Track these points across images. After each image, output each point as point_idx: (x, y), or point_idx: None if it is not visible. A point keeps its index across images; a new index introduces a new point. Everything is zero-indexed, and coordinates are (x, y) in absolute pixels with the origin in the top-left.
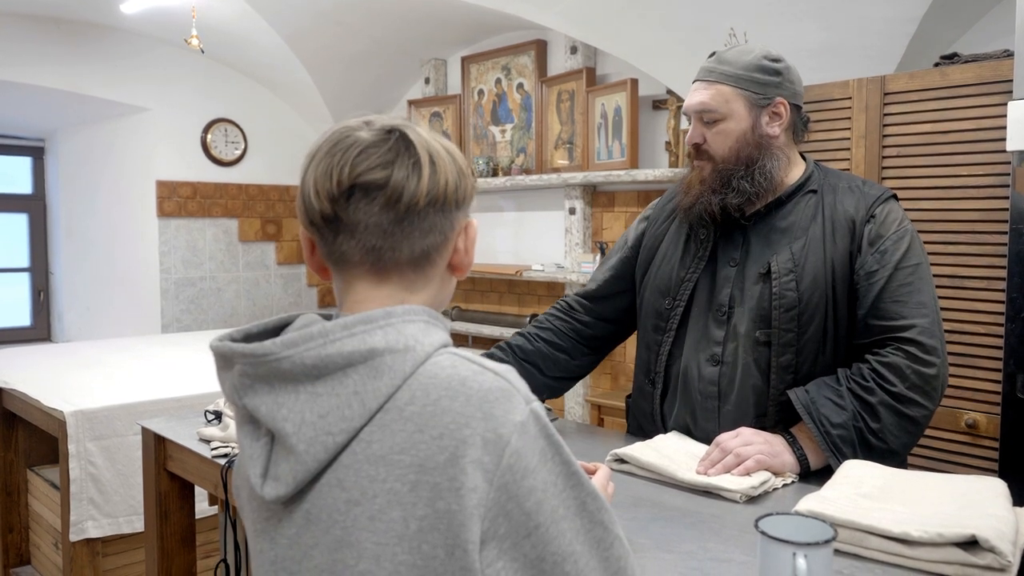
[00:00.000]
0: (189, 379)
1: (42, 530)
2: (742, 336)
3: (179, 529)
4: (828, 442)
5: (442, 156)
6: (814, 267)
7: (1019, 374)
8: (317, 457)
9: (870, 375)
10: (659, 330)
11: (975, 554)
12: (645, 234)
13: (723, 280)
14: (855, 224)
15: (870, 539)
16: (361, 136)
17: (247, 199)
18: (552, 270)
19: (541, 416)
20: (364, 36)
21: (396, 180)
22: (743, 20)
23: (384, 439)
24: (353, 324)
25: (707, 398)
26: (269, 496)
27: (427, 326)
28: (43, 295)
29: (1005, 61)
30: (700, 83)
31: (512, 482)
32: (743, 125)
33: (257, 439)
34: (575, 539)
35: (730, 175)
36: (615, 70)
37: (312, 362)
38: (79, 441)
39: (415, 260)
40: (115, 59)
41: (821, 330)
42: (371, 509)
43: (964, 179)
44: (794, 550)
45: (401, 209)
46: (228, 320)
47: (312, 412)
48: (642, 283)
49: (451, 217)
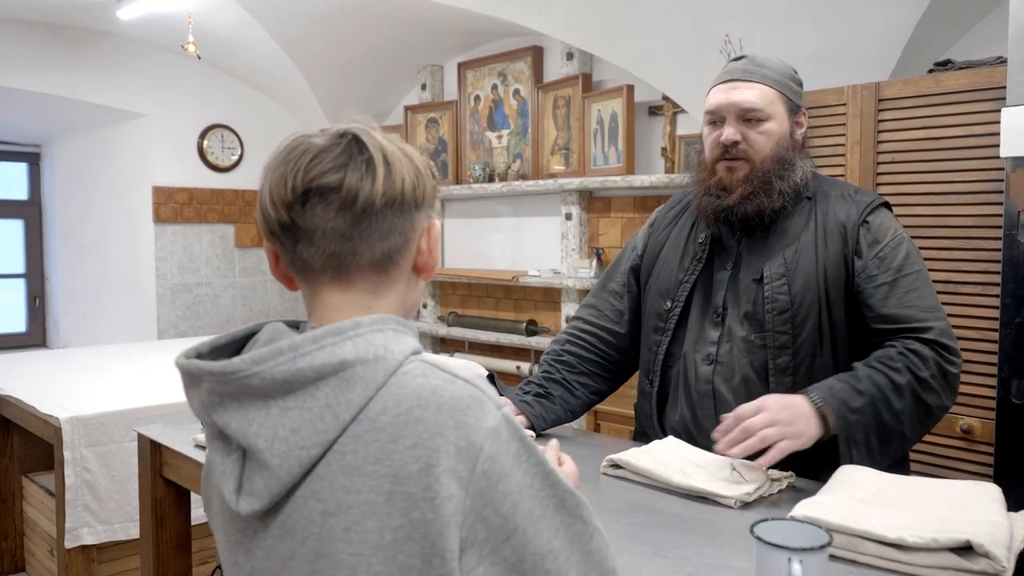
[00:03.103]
0: None
1: (37, 537)
2: (737, 339)
3: (175, 535)
4: (846, 431)
5: (397, 157)
6: (805, 271)
7: (1014, 379)
8: (291, 471)
9: (899, 357)
10: (658, 331)
11: (970, 559)
12: (650, 240)
13: (718, 283)
14: (846, 229)
15: (865, 544)
16: (314, 142)
17: (243, 205)
18: (548, 276)
19: (512, 420)
20: (361, 42)
21: (350, 182)
22: (739, 26)
23: (358, 450)
24: (322, 336)
25: (704, 396)
26: (244, 511)
27: (396, 334)
28: (39, 301)
29: (998, 68)
30: (739, 82)
31: (487, 488)
32: (783, 128)
33: (228, 454)
34: (554, 536)
35: (770, 177)
36: (611, 76)
37: (283, 377)
38: (75, 447)
39: (377, 263)
40: (111, 65)
41: (816, 331)
42: (346, 520)
43: (958, 185)
44: (789, 555)
45: (357, 211)
46: (224, 326)
47: (284, 427)
48: (645, 287)
49: (411, 218)
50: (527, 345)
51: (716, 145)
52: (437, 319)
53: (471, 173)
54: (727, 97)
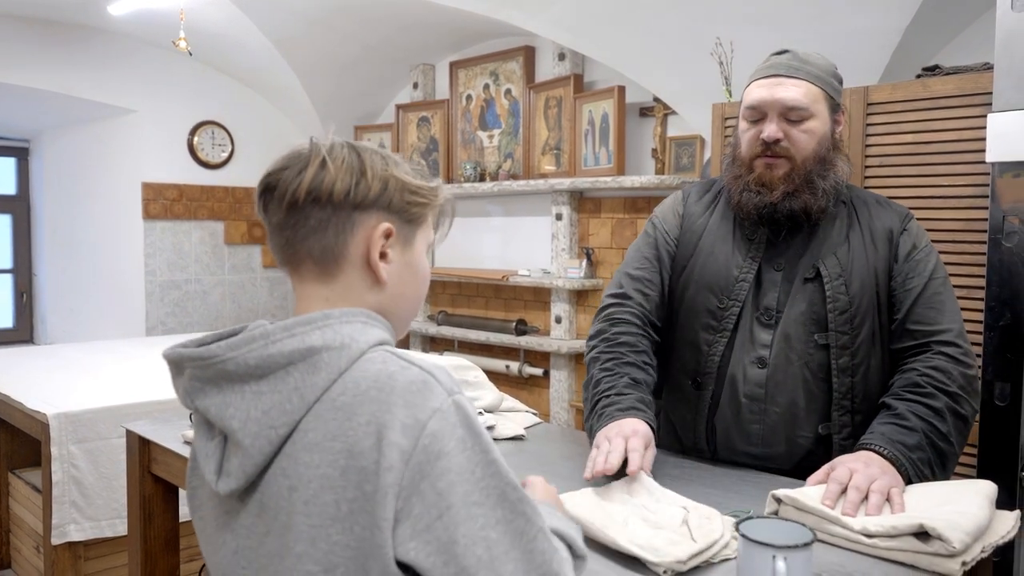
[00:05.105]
0: None
1: (23, 533)
2: (794, 340)
3: (163, 532)
4: (914, 469)
5: (341, 158)
6: (861, 272)
7: (997, 382)
8: (263, 450)
9: (924, 381)
10: (711, 329)
11: (928, 543)
12: (683, 225)
13: (769, 283)
14: (892, 234)
15: (833, 527)
16: (293, 147)
17: (233, 202)
18: (539, 275)
19: (463, 407)
20: (353, 40)
21: (284, 178)
22: (730, 29)
23: (318, 427)
24: (293, 326)
25: (753, 400)
26: (223, 490)
27: (364, 326)
28: (26, 296)
29: (985, 74)
30: (783, 78)
31: (426, 462)
32: (826, 127)
33: (211, 439)
34: (490, 526)
35: (812, 175)
36: (602, 77)
37: (255, 362)
38: (62, 444)
39: (316, 258)
40: (102, 60)
41: (871, 333)
42: (306, 494)
43: (944, 189)
44: (774, 553)
45: (285, 206)
46: (213, 323)
47: (256, 409)
48: (681, 277)
49: (345, 217)
50: (516, 344)
51: (756, 141)
52: (427, 318)
53: (462, 172)
54: (771, 93)
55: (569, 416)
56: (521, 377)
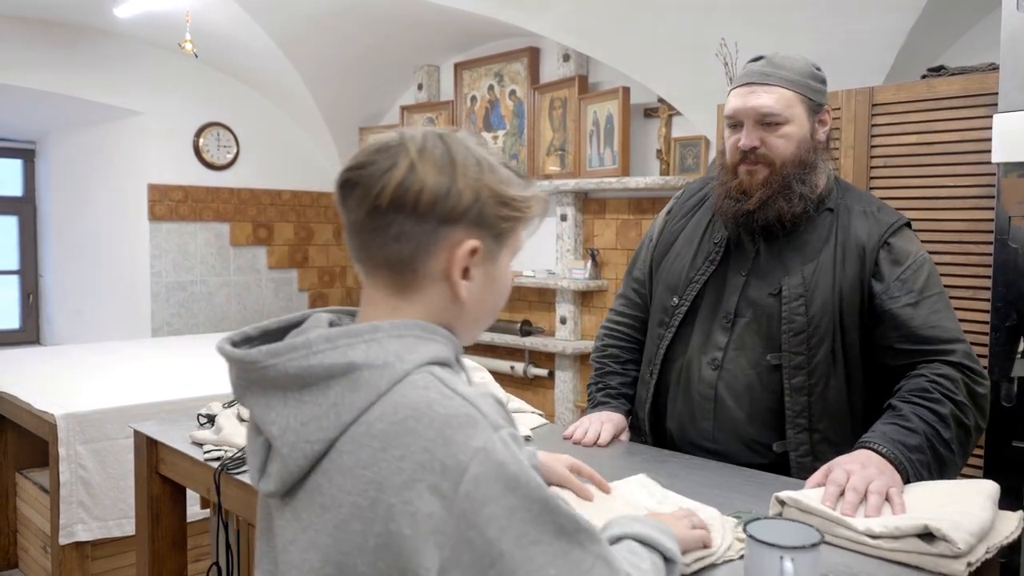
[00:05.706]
0: (180, 383)
1: (31, 534)
2: (748, 350)
3: (170, 532)
4: (913, 470)
5: (431, 160)
6: (823, 293)
7: (1003, 382)
8: (298, 463)
9: (932, 387)
10: (663, 325)
11: (932, 544)
12: (666, 228)
13: (732, 288)
14: (865, 251)
15: (838, 528)
16: (379, 138)
17: (239, 203)
18: (543, 276)
19: (508, 443)
20: (358, 42)
21: (367, 176)
22: (735, 30)
23: (353, 452)
24: (336, 337)
25: (705, 399)
26: (264, 490)
27: (416, 341)
28: (32, 298)
29: (991, 74)
30: (756, 86)
31: (471, 510)
32: (804, 130)
33: (258, 435)
34: (548, 564)
35: (790, 180)
36: (607, 78)
37: (295, 372)
38: (69, 444)
39: (391, 265)
40: (108, 62)
41: (830, 353)
42: (336, 517)
43: (950, 190)
44: (781, 553)
45: (367, 208)
46: (219, 324)
47: (295, 419)
48: (655, 276)
49: (429, 231)
50: (521, 345)
51: (735, 149)
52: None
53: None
54: (744, 102)
55: (574, 417)
56: (526, 378)
